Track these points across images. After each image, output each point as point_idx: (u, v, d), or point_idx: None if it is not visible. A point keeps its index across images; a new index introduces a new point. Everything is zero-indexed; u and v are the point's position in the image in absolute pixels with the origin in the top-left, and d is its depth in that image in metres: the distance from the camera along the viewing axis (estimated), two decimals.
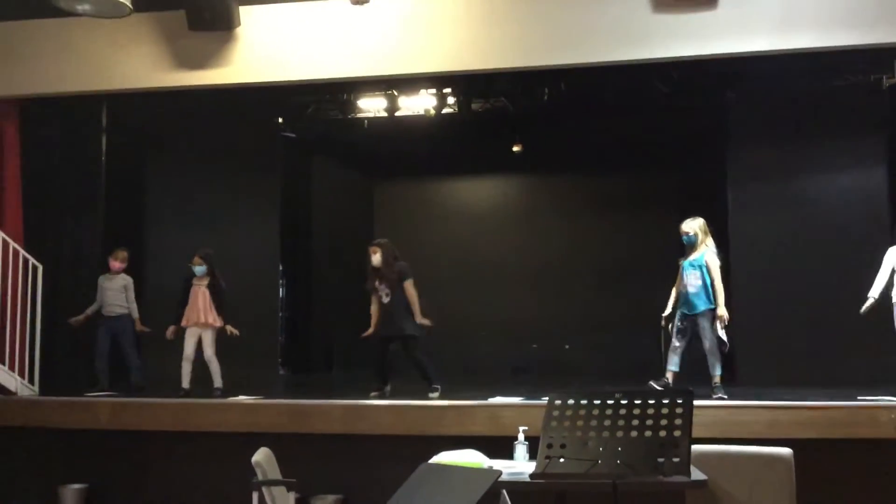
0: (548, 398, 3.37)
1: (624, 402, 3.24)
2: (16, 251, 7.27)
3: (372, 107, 10.05)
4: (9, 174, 7.61)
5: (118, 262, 7.71)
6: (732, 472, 3.93)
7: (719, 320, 6.47)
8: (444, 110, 9.91)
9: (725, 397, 6.33)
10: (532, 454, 3.77)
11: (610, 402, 3.25)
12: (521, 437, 4.08)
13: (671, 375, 6.62)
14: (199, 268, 7.34)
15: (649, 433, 3.14)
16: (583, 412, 3.26)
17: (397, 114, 9.95)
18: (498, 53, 6.93)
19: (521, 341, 11.30)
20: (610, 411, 3.22)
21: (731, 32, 6.59)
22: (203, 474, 6.49)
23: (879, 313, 6.60)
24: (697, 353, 6.67)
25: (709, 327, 6.51)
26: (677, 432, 3.11)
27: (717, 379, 6.51)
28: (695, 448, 3.50)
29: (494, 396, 6.44)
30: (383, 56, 7.03)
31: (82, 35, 7.26)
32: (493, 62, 7.03)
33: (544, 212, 12.02)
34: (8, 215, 7.51)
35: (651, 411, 3.18)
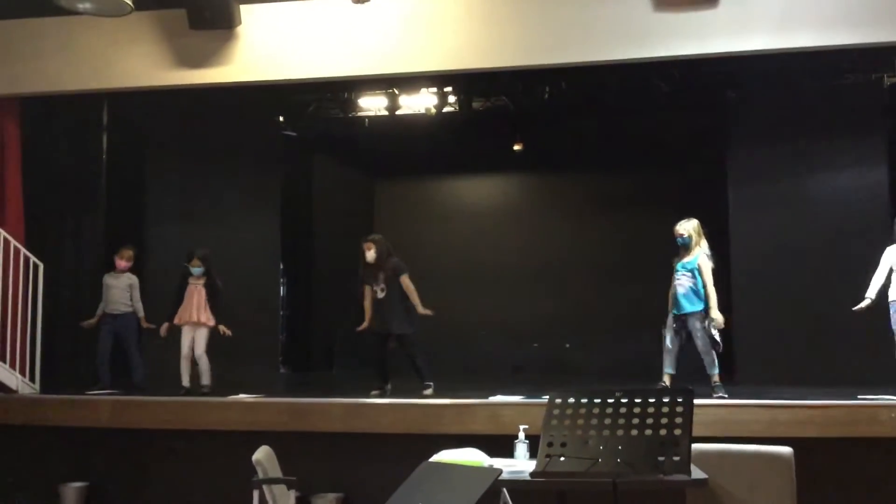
0: (548, 397, 3.37)
1: (624, 400, 3.24)
2: (17, 249, 7.27)
3: (373, 105, 10.06)
4: (10, 173, 7.60)
5: (124, 261, 7.70)
6: (733, 471, 3.93)
7: (714, 323, 6.45)
8: (445, 109, 9.91)
9: (726, 396, 6.32)
10: (532, 453, 3.77)
11: (610, 401, 3.25)
12: (521, 435, 4.08)
13: (668, 378, 6.62)
14: (198, 269, 7.35)
15: (650, 432, 3.14)
16: (583, 411, 3.26)
17: (398, 112, 9.95)
18: (499, 52, 6.93)
19: (521, 340, 11.29)
20: (610, 410, 3.23)
21: (731, 31, 6.59)
22: (204, 473, 6.49)
23: (878, 312, 6.59)
24: (696, 352, 6.67)
25: (699, 328, 6.50)
26: (678, 431, 3.11)
27: (716, 378, 6.50)
28: (695, 447, 3.50)
29: (495, 395, 6.43)
30: (384, 55, 7.03)
31: (83, 34, 7.26)
32: (493, 61, 7.04)
33: (545, 211, 12.01)
34: (9, 214, 7.50)
35: (651, 410, 3.18)
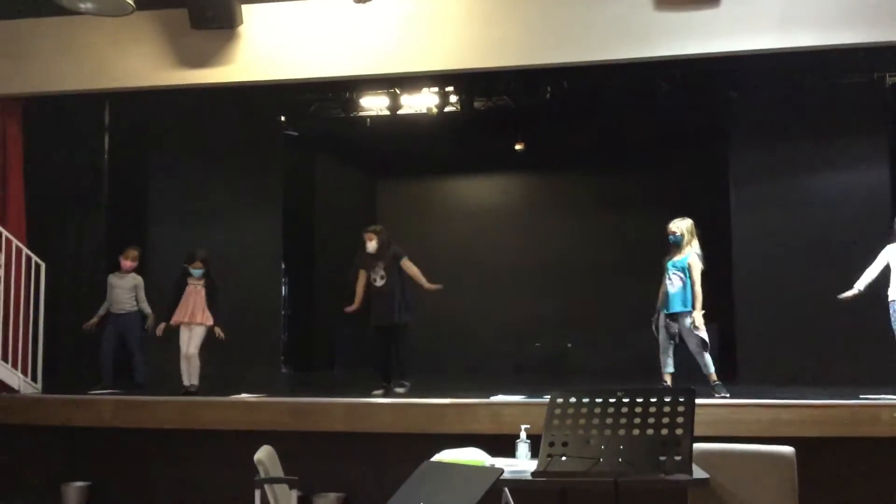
0: (550, 396, 3.37)
1: (626, 400, 3.23)
2: (19, 249, 7.28)
3: (374, 105, 10.04)
4: (12, 173, 7.61)
5: (129, 261, 7.72)
6: (734, 471, 3.93)
7: (693, 322, 6.45)
8: (447, 108, 9.90)
9: (727, 395, 6.32)
10: (534, 452, 3.77)
11: (612, 401, 3.25)
12: (522, 435, 4.08)
13: (668, 377, 6.62)
14: (199, 270, 7.36)
15: (651, 431, 3.14)
16: (585, 410, 3.26)
17: (400, 112, 9.93)
18: (500, 52, 6.93)
19: (523, 339, 11.28)
20: (612, 409, 3.22)
21: (733, 31, 6.59)
22: (205, 472, 6.50)
23: (878, 312, 6.60)
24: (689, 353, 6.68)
25: (689, 327, 6.51)
26: (679, 430, 3.11)
27: (714, 377, 6.51)
28: (697, 446, 3.50)
29: (496, 395, 6.44)
30: (385, 54, 7.04)
31: (85, 33, 7.27)
32: (495, 60, 7.04)
33: (547, 210, 12.01)
34: (11, 214, 7.51)
35: (653, 409, 3.17)
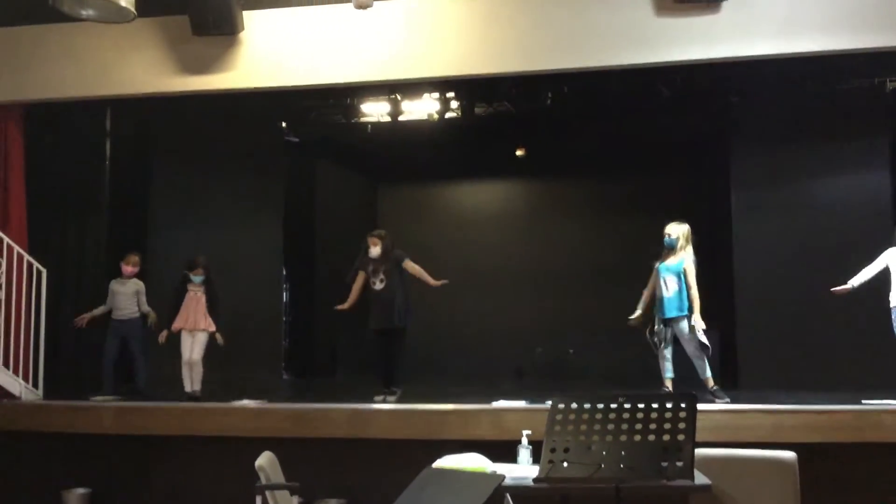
0: (551, 402, 3.36)
1: (627, 406, 3.23)
2: (20, 255, 7.28)
3: (375, 111, 10.07)
4: (13, 179, 7.62)
5: (130, 267, 7.72)
6: (736, 477, 3.92)
7: (694, 325, 6.44)
8: (448, 114, 9.92)
9: (728, 399, 6.32)
10: (535, 458, 3.77)
11: (613, 406, 3.24)
12: (524, 440, 4.08)
13: (669, 383, 6.61)
14: (199, 277, 7.37)
15: (653, 437, 3.13)
16: (586, 416, 3.25)
17: (401, 118, 9.96)
18: (501, 57, 6.94)
19: (524, 345, 11.27)
20: (613, 415, 3.22)
21: (734, 36, 6.59)
22: (206, 478, 6.48)
23: (880, 317, 6.59)
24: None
25: (688, 331, 6.50)
26: (681, 436, 3.10)
27: (712, 381, 6.50)
28: (698, 452, 3.49)
29: (498, 400, 6.43)
30: (386, 61, 7.04)
31: (86, 40, 7.28)
32: (495, 66, 7.04)
33: (548, 215, 12.00)
34: (12, 220, 7.51)
35: (655, 415, 3.17)
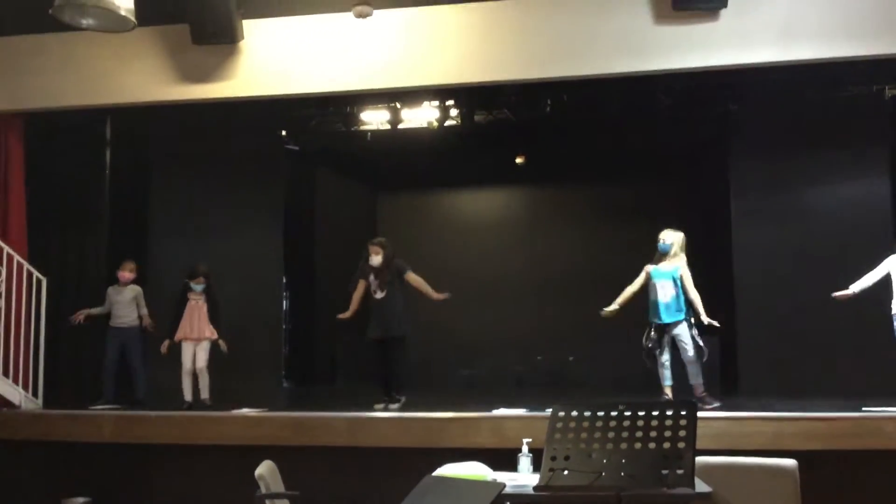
0: (552, 410, 3.36)
1: (628, 413, 3.23)
2: (20, 264, 7.28)
3: (375, 119, 10.07)
4: (13, 187, 7.62)
5: (127, 273, 7.72)
6: (737, 484, 3.92)
7: (705, 322, 6.45)
8: (447, 122, 9.92)
9: (717, 405, 6.34)
10: (536, 466, 3.77)
11: (614, 414, 3.24)
12: (524, 449, 4.07)
13: (669, 390, 6.61)
14: (200, 286, 7.37)
15: (653, 445, 3.13)
16: (586, 424, 3.25)
17: (400, 126, 9.96)
18: (500, 65, 6.95)
19: (525, 353, 11.26)
20: (614, 423, 3.22)
21: (733, 44, 6.61)
22: (206, 487, 6.47)
23: (882, 324, 6.58)
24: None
25: (687, 335, 6.50)
26: (681, 444, 3.10)
27: (702, 388, 6.51)
28: (699, 460, 3.49)
29: (498, 408, 6.42)
30: (386, 69, 7.05)
31: (86, 49, 7.29)
32: (495, 74, 7.05)
33: (548, 223, 11.99)
34: (12, 228, 7.51)
35: (655, 423, 3.17)
